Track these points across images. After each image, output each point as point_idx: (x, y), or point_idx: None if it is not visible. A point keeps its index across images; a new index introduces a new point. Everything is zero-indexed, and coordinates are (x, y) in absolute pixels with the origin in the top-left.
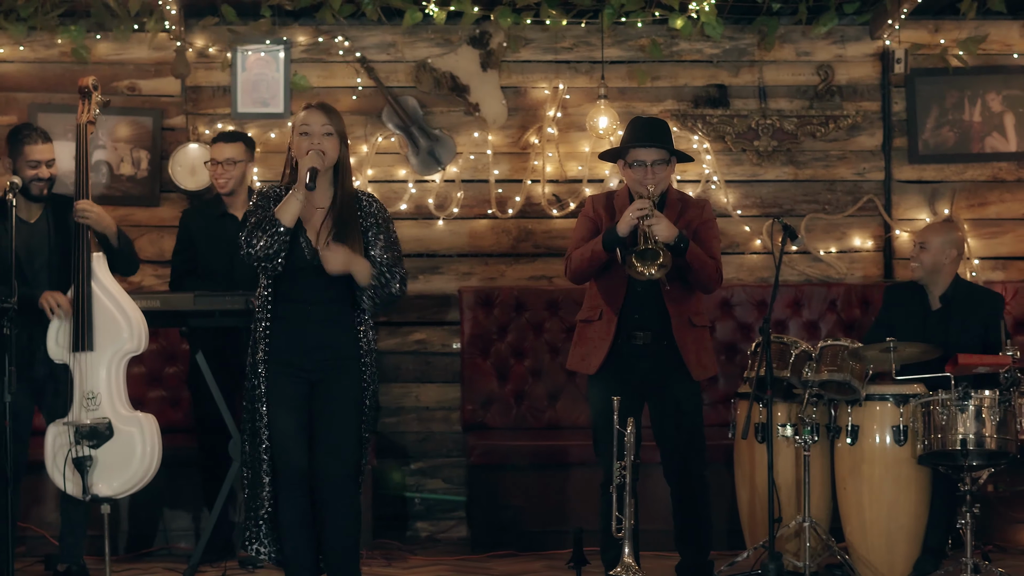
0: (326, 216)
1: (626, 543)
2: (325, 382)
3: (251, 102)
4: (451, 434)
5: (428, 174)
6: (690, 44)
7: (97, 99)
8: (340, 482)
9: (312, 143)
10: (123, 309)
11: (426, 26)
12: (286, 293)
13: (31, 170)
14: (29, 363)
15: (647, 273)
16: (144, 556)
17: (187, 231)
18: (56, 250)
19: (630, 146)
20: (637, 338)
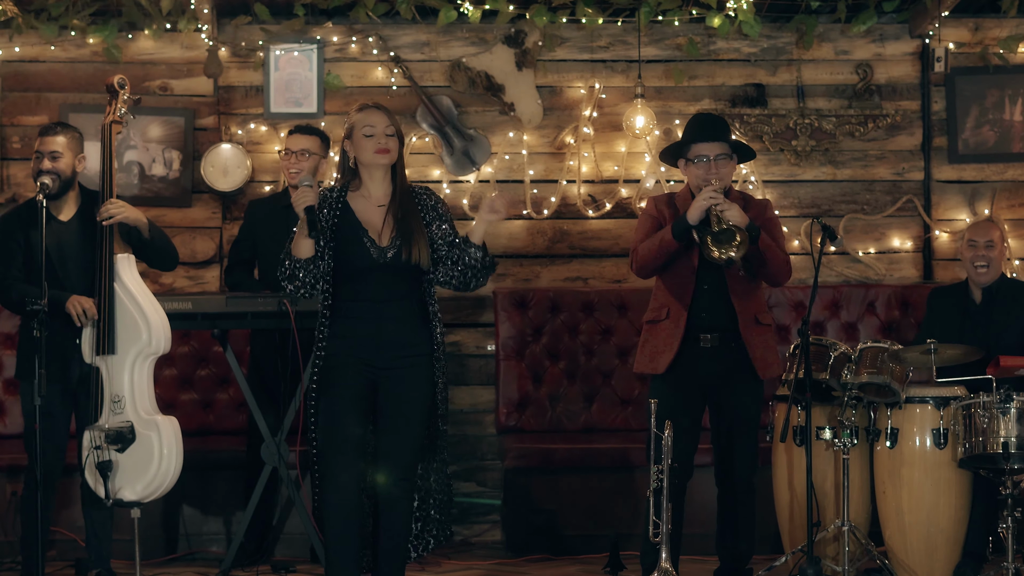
0: (387, 213)
1: (663, 548)
2: (394, 379)
3: (284, 102)
4: (485, 437)
5: (463, 174)
6: (727, 43)
7: (124, 98)
8: (400, 482)
9: (378, 144)
10: (143, 311)
11: (461, 25)
12: (354, 293)
13: (36, 162)
14: (64, 366)
15: (725, 255)
16: (176, 560)
17: (250, 221)
18: (87, 248)
19: (692, 142)
20: (705, 340)
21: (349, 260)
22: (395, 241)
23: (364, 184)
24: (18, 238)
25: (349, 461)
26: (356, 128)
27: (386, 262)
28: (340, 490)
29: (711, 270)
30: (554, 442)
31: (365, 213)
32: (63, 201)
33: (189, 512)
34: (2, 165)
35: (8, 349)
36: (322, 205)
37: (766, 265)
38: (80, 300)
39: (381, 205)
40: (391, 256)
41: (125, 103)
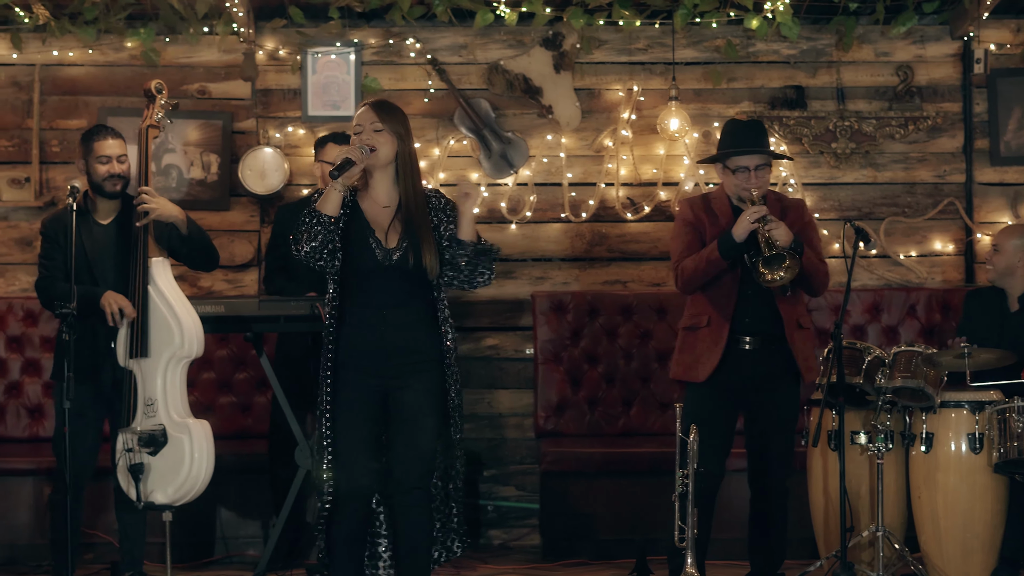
0: (394, 216)
1: (689, 553)
2: (404, 387)
3: (321, 105)
4: (524, 440)
5: (501, 177)
6: (767, 45)
7: (162, 103)
8: (414, 491)
9: (362, 140)
10: (176, 315)
11: (498, 27)
12: (359, 297)
13: (102, 166)
14: (97, 368)
15: (776, 278)
16: (213, 564)
17: (281, 226)
18: (124, 252)
19: (733, 152)
20: (746, 343)
21: (355, 262)
22: (402, 243)
23: (369, 184)
24: (61, 241)
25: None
26: (352, 126)
27: (391, 264)
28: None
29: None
30: (592, 446)
31: (372, 213)
32: (101, 205)
33: (227, 515)
34: (42, 169)
35: (48, 352)
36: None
37: (809, 279)
38: (116, 298)
39: (387, 206)
40: (397, 259)
41: (163, 107)
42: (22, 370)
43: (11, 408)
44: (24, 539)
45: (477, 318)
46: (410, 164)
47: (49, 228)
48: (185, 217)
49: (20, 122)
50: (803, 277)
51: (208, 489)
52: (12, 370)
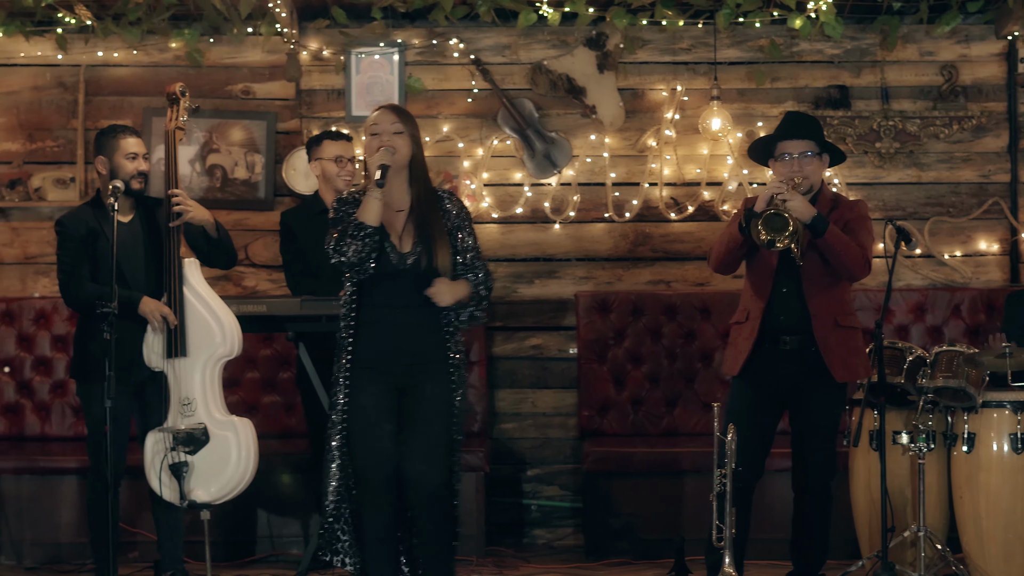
0: (407, 219)
1: (726, 552)
2: (414, 387)
3: (365, 105)
4: (568, 440)
5: (544, 177)
6: (810, 44)
7: (185, 105)
8: (432, 489)
9: (382, 141)
10: (215, 314)
11: (541, 27)
12: (372, 299)
13: (131, 163)
14: (128, 368)
15: (771, 240)
16: (255, 562)
17: (289, 233)
18: (150, 251)
19: (777, 139)
20: (784, 343)
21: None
22: (416, 248)
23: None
24: (84, 238)
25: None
26: (366, 129)
27: (406, 268)
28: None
29: (789, 272)
30: (635, 446)
31: (387, 218)
32: (124, 203)
33: (270, 514)
34: (87, 169)
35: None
36: (347, 207)
37: (838, 257)
38: (158, 306)
39: (400, 210)
40: (411, 263)
41: (186, 110)
42: (67, 369)
43: (56, 407)
44: (68, 538)
45: (521, 318)
46: (423, 167)
47: (67, 226)
48: (214, 220)
49: (65, 122)
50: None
51: (251, 488)
52: (57, 369)
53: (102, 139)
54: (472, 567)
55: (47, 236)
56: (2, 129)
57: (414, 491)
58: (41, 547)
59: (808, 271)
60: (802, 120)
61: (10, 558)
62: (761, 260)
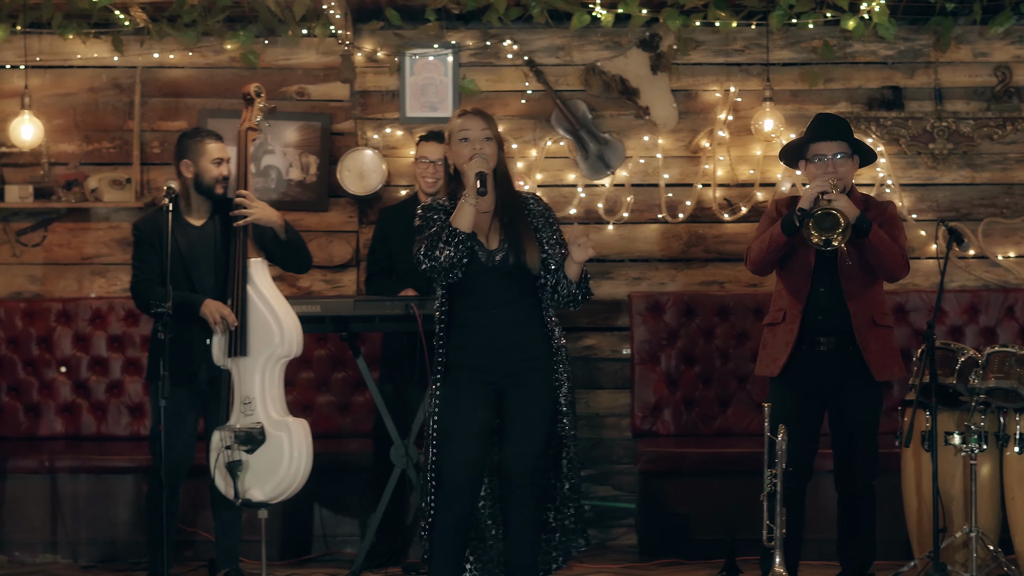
0: (492, 220)
1: (777, 552)
2: (516, 385)
3: (419, 106)
4: (621, 440)
5: (597, 178)
6: (864, 45)
7: (260, 105)
8: (524, 487)
9: (474, 148)
10: (276, 314)
11: (595, 29)
12: (467, 300)
13: (216, 168)
14: (193, 368)
15: (824, 240)
16: (310, 561)
17: (383, 228)
18: (223, 254)
19: (810, 141)
20: (821, 344)
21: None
22: (503, 245)
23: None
24: (155, 243)
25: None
26: (453, 134)
27: (495, 266)
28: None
29: (827, 272)
30: (688, 446)
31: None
32: (196, 206)
33: (325, 513)
34: (143, 170)
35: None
36: (433, 214)
37: (880, 257)
38: (219, 307)
39: (485, 212)
40: (499, 260)
41: (261, 111)
42: (123, 369)
43: (112, 407)
44: (124, 536)
45: (575, 318)
46: (505, 169)
47: (142, 230)
48: (283, 222)
49: (121, 124)
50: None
51: (306, 488)
52: (113, 369)
53: (187, 142)
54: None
55: (103, 237)
56: (59, 130)
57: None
58: (97, 545)
59: (847, 271)
60: (834, 121)
61: (66, 556)
62: (798, 260)
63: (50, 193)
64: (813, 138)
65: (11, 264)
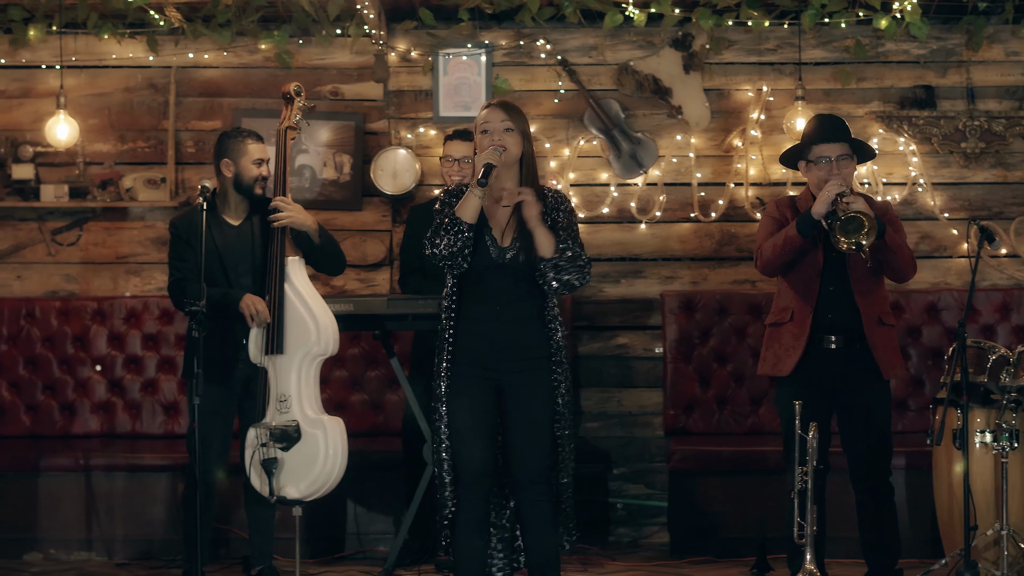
0: (511, 214)
1: (808, 550)
2: (516, 383)
3: (453, 106)
4: (653, 439)
5: (630, 177)
6: (896, 45)
7: (300, 105)
8: (534, 486)
9: (492, 140)
10: (313, 313)
11: (628, 28)
12: (474, 293)
13: (257, 168)
14: (229, 365)
15: (854, 244)
16: (344, 559)
17: (413, 227)
18: (260, 253)
19: (813, 143)
20: (829, 342)
21: (472, 259)
22: (515, 242)
23: (490, 184)
24: (193, 241)
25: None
26: (477, 126)
27: (504, 263)
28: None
29: (836, 271)
30: (720, 444)
31: (491, 211)
32: (233, 205)
33: (358, 511)
34: (177, 169)
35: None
36: (454, 199)
37: (894, 257)
38: (254, 301)
39: (507, 205)
40: (510, 257)
41: (300, 110)
42: (158, 368)
43: (147, 405)
44: (160, 534)
45: (607, 317)
46: (533, 164)
47: (179, 228)
48: (317, 226)
49: (156, 123)
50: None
51: (340, 486)
52: (148, 368)
53: (228, 142)
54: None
55: (138, 236)
56: (94, 130)
57: (516, 488)
58: (132, 543)
59: (855, 270)
60: (835, 122)
61: (101, 554)
62: (806, 260)
63: (85, 192)
64: (815, 139)
65: (47, 263)
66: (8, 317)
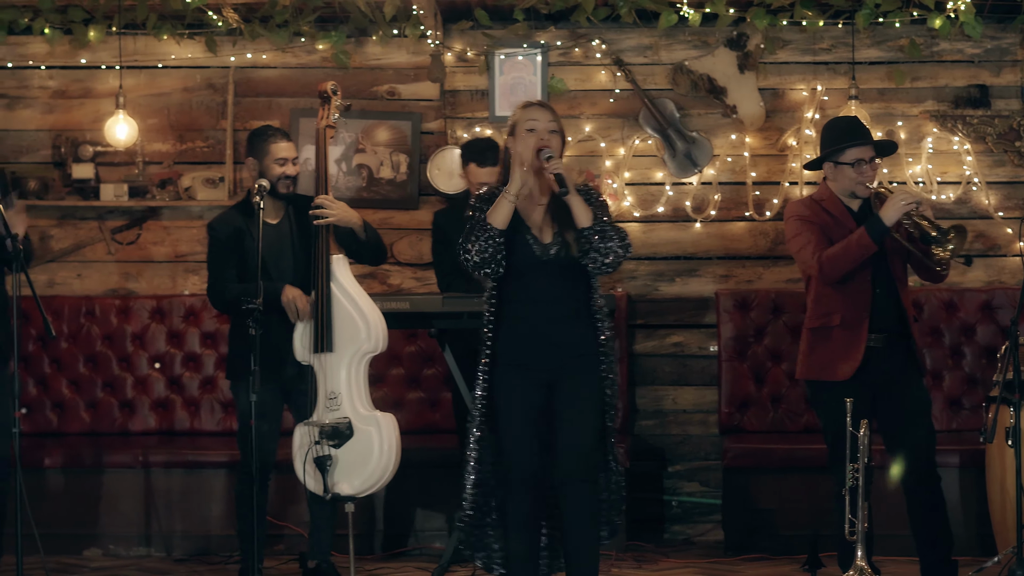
0: (546, 213)
1: (859, 546)
2: (563, 381)
3: (508, 106)
4: (708, 437)
5: (685, 176)
6: (950, 44)
7: (337, 103)
8: (579, 482)
9: (540, 139)
10: (361, 310)
11: (682, 28)
12: (516, 293)
13: (279, 167)
14: (278, 363)
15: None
16: (398, 556)
17: (441, 233)
18: (299, 251)
19: (848, 145)
20: (873, 340)
21: (513, 258)
22: (557, 238)
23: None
24: (231, 241)
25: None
26: (519, 124)
27: (549, 259)
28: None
29: (882, 273)
30: (774, 442)
31: (527, 211)
32: (270, 205)
33: (416, 508)
34: (235, 169)
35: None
36: (486, 205)
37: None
38: (296, 296)
39: (541, 203)
40: (553, 253)
41: (337, 108)
42: (216, 365)
43: (205, 402)
44: (217, 530)
45: (662, 316)
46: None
47: (218, 229)
48: (362, 222)
49: (214, 123)
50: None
51: (398, 482)
52: (206, 365)
53: (253, 140)
54: (612, 562)
55: (197, 235)
56: (153, 130)
57: (562, 484)
58: (190, 539)
59: (897, 272)
60: (861, 125)
61: (159, 550)
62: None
63: (144, 192)
64: (851, 142)
65: (106, 261)
66: (68, 315)
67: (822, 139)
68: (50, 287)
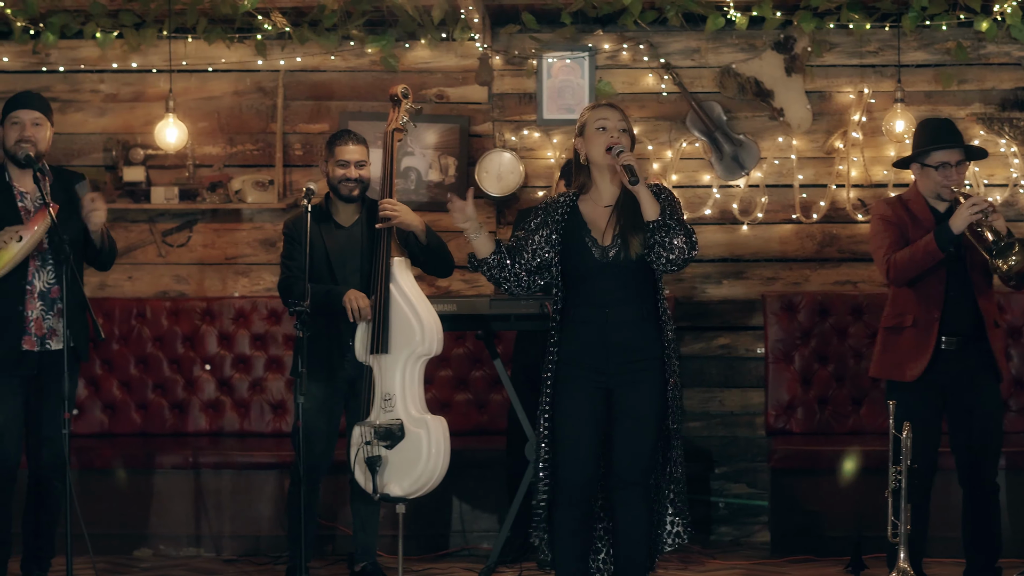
0: (611, 213)
1: (902, 548)
2: (626, 385)
3: (556, 109)
4: (755, 438)
5: (732, 179)
6: (998, 47)
7: (407, 107)
8: (633, 487)
9: (611, 137)
10: (418, 313)
11: (730, 31)
12: (581, 297)
13: (340, 170)
14: (336, 363)
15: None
16: (448, 556)
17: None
18: (368, 255)
19: (933, 148)
20: (946, 343)
21: (573, 262)
22: (616, 239)
23: (594, 184)
24: (302, 241)
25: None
26: (588, 124)
27: (609, 262)
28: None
29: (958, 277)
30: (821, 444)
31: (591, 214)
32: (341, 207)
33: (463, 509)
34: (285, 172)
35: (290, 349)
36: (554, 209)
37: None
38: (357, 297)
39: (608, 205)
40: (613, 256)
41: (407, 112)
42: (266, 367)
43: (255, 403)
44: (266, 531)
45: (709, 318)
46: None
47: (292, 229)
48: (425, 227)
49: (264, 126)
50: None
51: (445, 483)
52: (256, 367)
53: (327, 144)
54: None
55: (246, 237)
56: (204, 133)
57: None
58: (239, 540)
59: (975, 276)
60: (953, 127)
61: (209, 550)
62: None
63: (195, 194)
64: (936, 144)
65: (157, 264)
66: (120, 317)
67: (914, 139)
68: (101, 289)
